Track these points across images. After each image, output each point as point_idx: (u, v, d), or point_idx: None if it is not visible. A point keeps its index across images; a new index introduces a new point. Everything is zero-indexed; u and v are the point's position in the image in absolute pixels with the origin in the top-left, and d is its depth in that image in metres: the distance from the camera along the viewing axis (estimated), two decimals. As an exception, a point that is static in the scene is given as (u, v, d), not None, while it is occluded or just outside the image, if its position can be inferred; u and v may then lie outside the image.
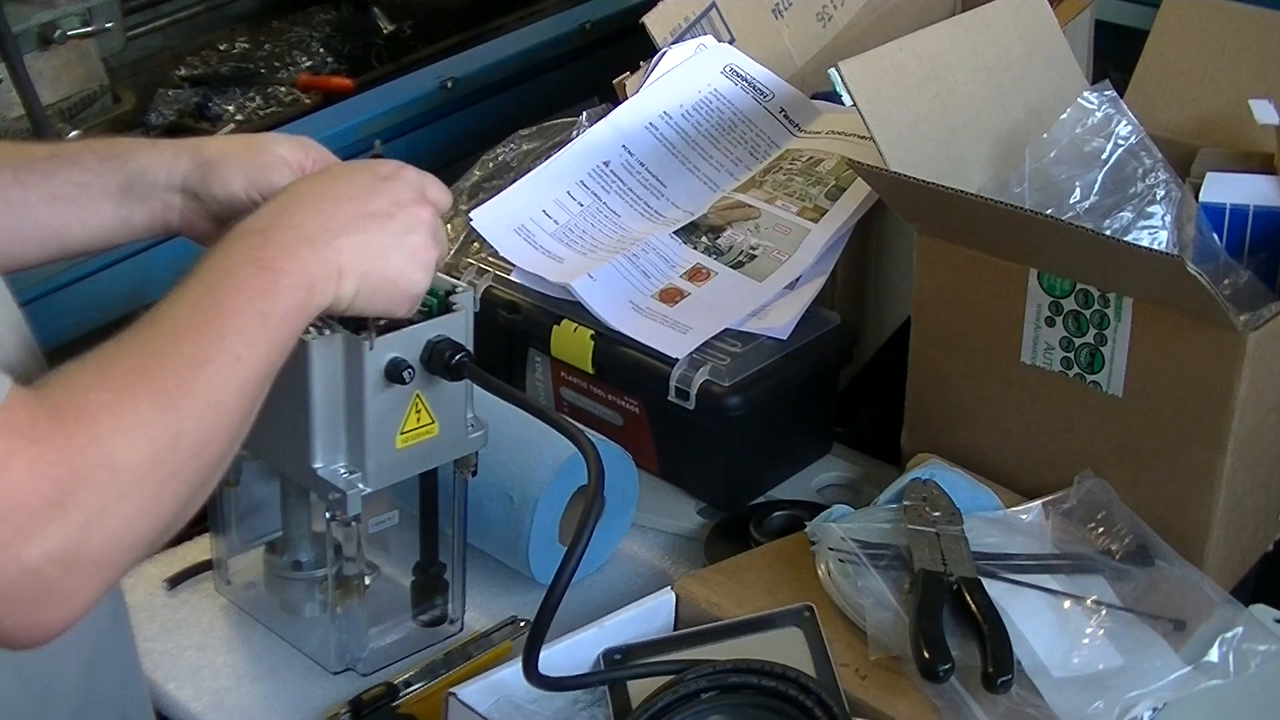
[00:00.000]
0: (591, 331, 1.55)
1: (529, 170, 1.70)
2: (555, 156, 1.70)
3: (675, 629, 1.34)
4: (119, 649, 1.18)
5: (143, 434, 0.91)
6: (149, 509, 0.91)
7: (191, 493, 0.95)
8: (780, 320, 1.55)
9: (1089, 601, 1.31)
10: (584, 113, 1.78)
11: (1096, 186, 1.51)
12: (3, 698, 1.04)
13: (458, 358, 1.22)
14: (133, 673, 1.21)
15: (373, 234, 1.11)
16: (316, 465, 1.23)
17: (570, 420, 1.24)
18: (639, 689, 1.22)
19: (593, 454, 1.16)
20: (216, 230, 1.20)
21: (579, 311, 1.57)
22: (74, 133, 1.96)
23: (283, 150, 1.21)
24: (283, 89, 2.19)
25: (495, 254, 1.63)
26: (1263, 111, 1.50)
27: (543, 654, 1.15)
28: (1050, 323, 1.40)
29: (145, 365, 0.94)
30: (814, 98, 1.78)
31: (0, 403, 0.86)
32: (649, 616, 1.33)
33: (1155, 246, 1.48)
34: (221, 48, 2.33)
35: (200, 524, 1.40)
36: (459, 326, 1.23)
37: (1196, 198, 1.49)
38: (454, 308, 1.23)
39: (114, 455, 0.89)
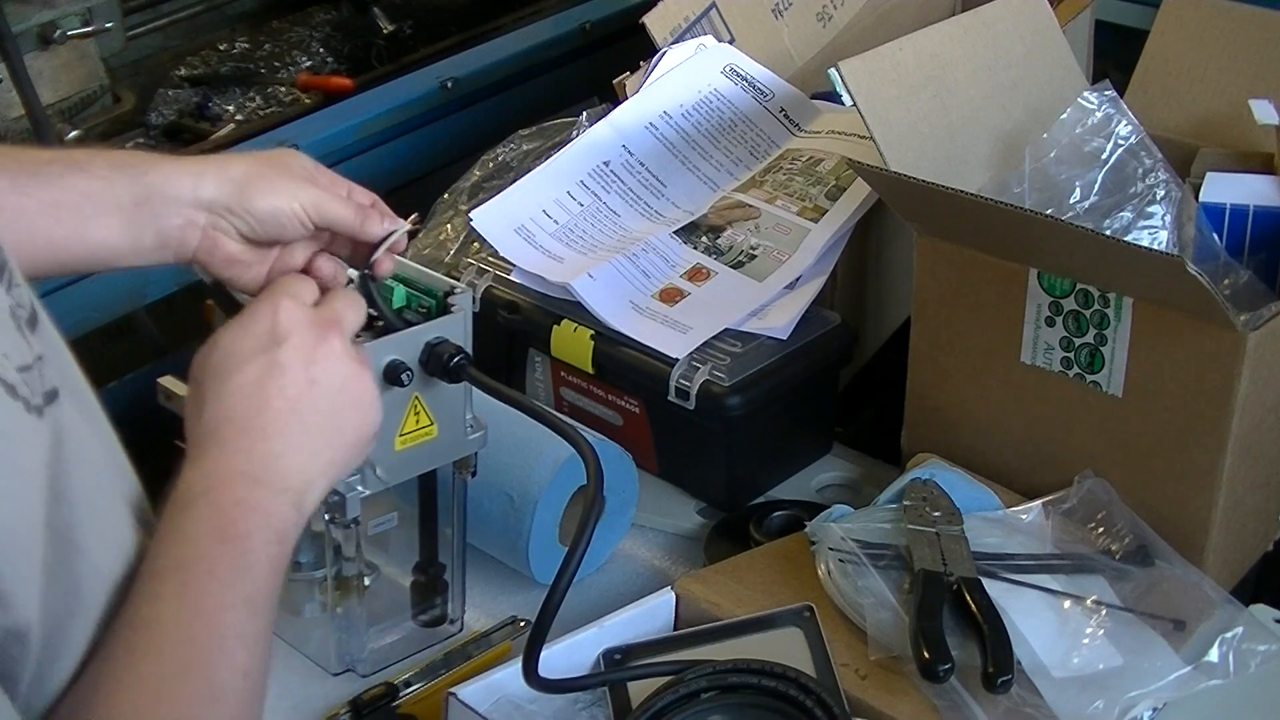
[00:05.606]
0: (591, 331, 1.55)
1: (529, 170, 1.70)
2: (555, 156, 1.70)
3: (675, 629, 1.34)
4: None
5: None
6: None
7: None
8: (780, 320, 1.55)
9: (1089, 601, 1.31)
10: (584, 113, 1.78)
11: (1096, 186, 1.51)
12: None
13: (456, 360, 1.22)
14: None
15: (306, 422, 0.99)
16: (316, 467, 1.23)
17: (568, 421, 1.24)
18: (639, 689, 1.22)
19: (590, 455, 1.16)
20: (241, 254, 1.12)
21: (579, 311, 1.57)
22: (74, 133, 1.96)
23: (304, 161, 1.14)
24: (283, 89, 2.19)
25: (495, 254, 1.63)
26: (1263, 111, 1.50)
27: (543, 654, 1.15)
28: (1050, 323, 1.40)
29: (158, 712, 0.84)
30: (814, 98, 1.78)
31: None
32: (649, 616, 1.33)
33: (1155, 246, 1.47)
34: (221, 48, 2.33)
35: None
36: (457, 328, 1.23)
37: (1196, 198, 1.49)
38: (452, 309, 1.23)
39: None
